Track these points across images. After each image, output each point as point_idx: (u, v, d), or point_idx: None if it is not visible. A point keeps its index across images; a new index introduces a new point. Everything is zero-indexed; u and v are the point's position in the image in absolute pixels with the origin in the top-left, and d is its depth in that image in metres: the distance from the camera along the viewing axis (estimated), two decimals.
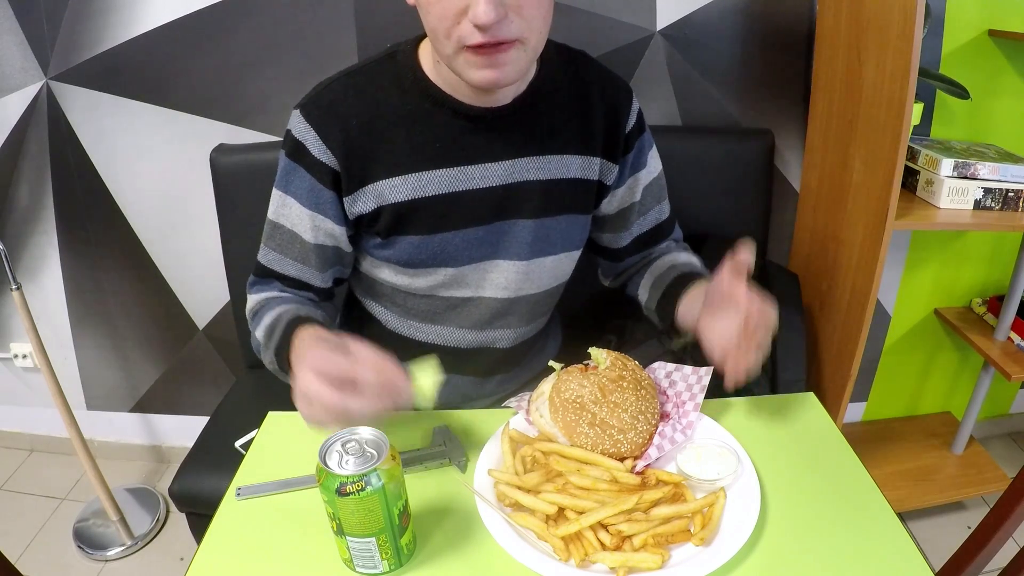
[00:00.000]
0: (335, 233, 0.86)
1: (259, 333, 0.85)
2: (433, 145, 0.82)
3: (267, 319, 0.83)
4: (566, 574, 0.59)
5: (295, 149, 0.82)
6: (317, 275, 0.89)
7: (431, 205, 0.84)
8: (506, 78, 0.73)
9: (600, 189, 0.94)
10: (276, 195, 0.86)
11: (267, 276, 0.90)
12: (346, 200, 0.83)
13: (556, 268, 0.95)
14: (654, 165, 0.98)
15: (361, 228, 0.87)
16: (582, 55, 0.91)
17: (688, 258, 1.01)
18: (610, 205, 0.97)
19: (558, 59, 0.87)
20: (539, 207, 0.88)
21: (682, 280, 0.93)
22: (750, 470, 0.68)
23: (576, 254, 0.97)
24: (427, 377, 0.66)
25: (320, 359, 0.62)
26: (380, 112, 0.82)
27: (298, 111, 0.82)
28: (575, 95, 0.88)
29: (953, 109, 1.48)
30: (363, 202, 0.83)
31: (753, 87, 1.48)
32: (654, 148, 0.98)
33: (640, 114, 0.94)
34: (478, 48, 0.68)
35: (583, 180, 0.91)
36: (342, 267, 0.92)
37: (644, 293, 1.01)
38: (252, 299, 0.91)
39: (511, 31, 0.68)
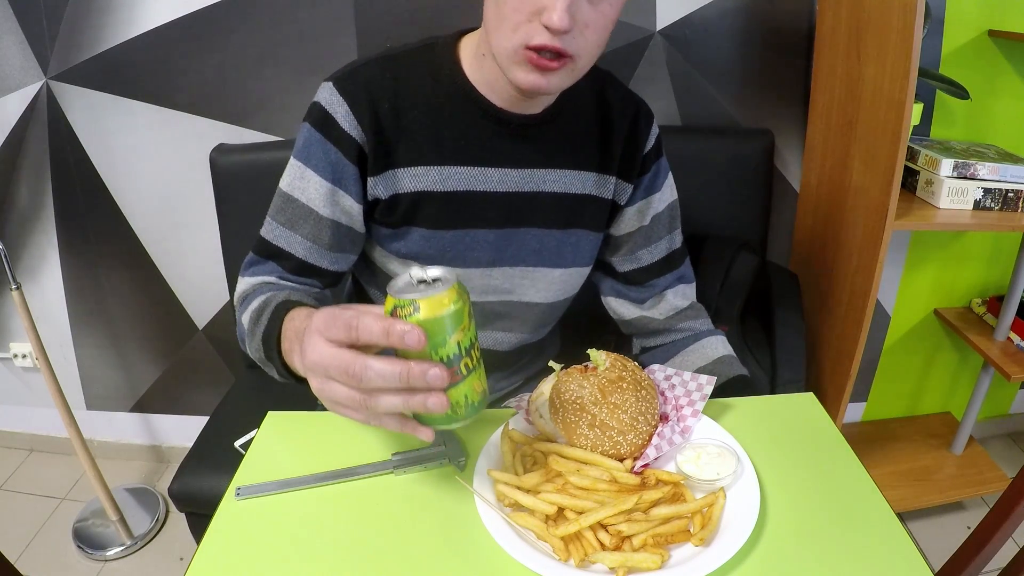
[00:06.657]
0: (352, 211, 0.83)
1: (245, 318, 0.79)
2: (458, 141, 0.83)
3: (255, 303, 0.78)
4: (566, 574, 0.59)
5: (323, 120, 0.80)
6: (327, 255, 0.85)
7: (447, 200, 0.84)
8: (549, 88, 0.74)
9: (613, 208, 0.94)
10: (294, 165, 0.83)
11: (267, 255, 0.85)
12: (369, 180, 0.82)
13: (564, 282, 0.95)
14: (668, 194, 0.97)
15: (374, 213, 0.86)
16: (609, 76, 0.91)
17: (726, 350, 0.98)
18: (619, 226, 0.96)
19: (586, 77, 0.85)
20: (551, 218, 0.89)
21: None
22: (750, 470, 0.68)
23: (585, 271, 0.97)
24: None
25: (326, 318, 0.57)
26: (412, 100, 0.81)
27: (330, 83, 0.80)
28: (598, 114, 0.89)
29: (953, 109, 1.48)
30: (384, 186, 0.83)
31: (753, 87, 1.48)
32: (670, 177, 0.97)
33: (659, 139, 0.94)
34: (538, 51, 0.70)
35: (597, 197, 0.91)
36: (351, 253, 0.89)
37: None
38: (244, 282, 0.85)
39: (572, 46, 0.70)
